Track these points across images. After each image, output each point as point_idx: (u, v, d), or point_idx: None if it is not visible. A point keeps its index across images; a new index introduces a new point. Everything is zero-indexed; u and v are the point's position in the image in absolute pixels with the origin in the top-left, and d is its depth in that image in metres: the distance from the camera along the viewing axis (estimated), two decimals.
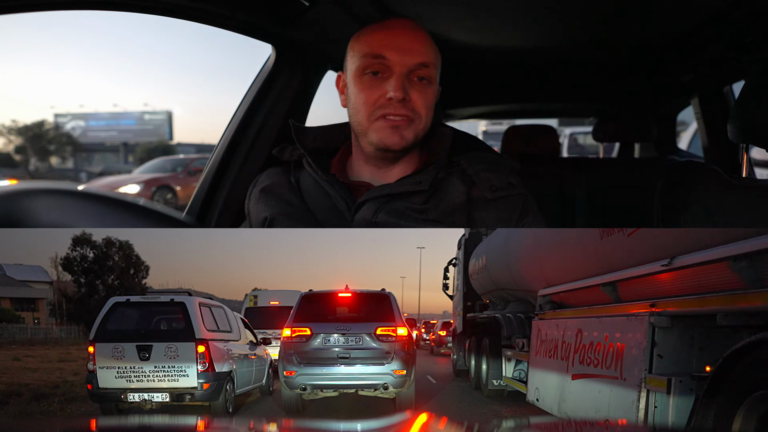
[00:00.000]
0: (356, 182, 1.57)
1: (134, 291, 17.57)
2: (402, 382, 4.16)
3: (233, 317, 5.14)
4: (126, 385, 4.06)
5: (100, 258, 19.17)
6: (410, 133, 1.46)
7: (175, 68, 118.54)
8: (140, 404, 4.07)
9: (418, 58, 1.44)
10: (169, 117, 38.55)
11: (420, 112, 1.45)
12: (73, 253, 19.14)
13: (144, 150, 33.62)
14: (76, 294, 19.27)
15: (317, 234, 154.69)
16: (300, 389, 4.16)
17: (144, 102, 71.15)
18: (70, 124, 37.87)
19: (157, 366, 4.06)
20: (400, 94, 1.41)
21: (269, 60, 2.05)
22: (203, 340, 4.13)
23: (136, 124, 38.47)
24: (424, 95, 1.46)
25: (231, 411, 4.40)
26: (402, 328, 4.26)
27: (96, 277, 19.14)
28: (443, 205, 1.50)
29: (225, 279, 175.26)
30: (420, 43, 1.47)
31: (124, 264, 19.54)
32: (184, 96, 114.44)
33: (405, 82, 1.43)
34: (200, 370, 4.07)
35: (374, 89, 1.44)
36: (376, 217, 1.48)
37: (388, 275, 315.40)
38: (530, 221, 1.55)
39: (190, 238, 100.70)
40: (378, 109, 1.44)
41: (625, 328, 2.46)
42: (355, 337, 4.19)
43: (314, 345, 4.20)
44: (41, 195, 0.66)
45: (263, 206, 1.59)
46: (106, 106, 43.81)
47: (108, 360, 4.07)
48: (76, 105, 68.40)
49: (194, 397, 4.09)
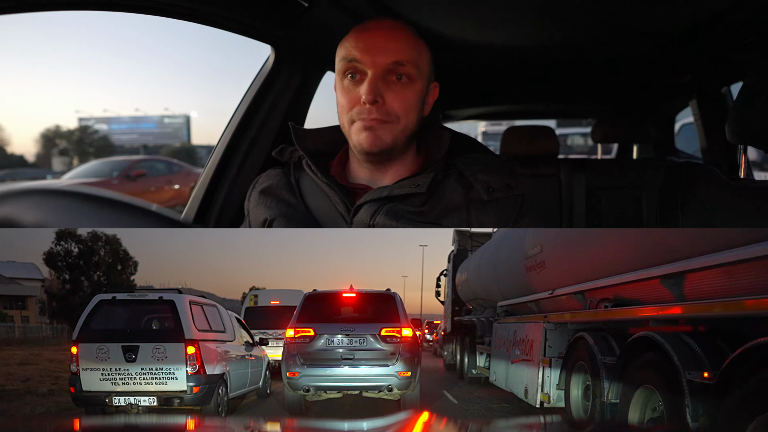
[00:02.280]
0: (355, 184, 1.59)
1: (122, 288, 16.97)
2: (407, 383, 4.18)
3: (227, 316, 4.99)
4: (111, 388, 3.92)
5: (86, 253, 18.43)
6: (387, 135, 1.46)
7: (182, 72, 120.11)
8: (126, 408, 3.93)
9: (391, 57, 1.43)
10: (187, 120, 41.55)
11: (397, 113, 1.45)
12: (56, 247, 18.34)
13: (169, 152, 35.79)
14: (60, 291, 18.58)
15: (318, 233, 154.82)
16: (303, 390, 4.16)
17: (164, 107, 75.56)
18: (94, 127, 40.91)
19: (144, 368, 3.92)
20: (371, 97, 1.41)
21: (268, 61, 2.08)
22: (193, 341, 3.98)
23: (156, 127, 41.35)
24: (402, 95, 1.45)
25: (224, 416, 4.26)
26: (407, 329, 4.27)
27: (81, 273, 18.45)
28: (441, 207, 1.53)
29: (225, 279, 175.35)
30: (395, 42, 1.46)
31: (111, 259, 18.82)
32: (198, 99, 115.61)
33: (378, 84, 1.43)
34: (190, 372, 3.93)
35: (351, 93, 1.46)
36: (374, 220, 1.50)
37: (389, 275, 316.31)
38: (527, 222, 1.57)
39: (190, 237, 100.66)
40: (354, 113, 1.46)
41: (534, 329, 3.90)
42: (359, 337, 4.19)
43: (318, 346, 4.20)
44: (41, 195, 0.67)
45: (263, 208, 1.62)
46: (128, 111, 47.56)
47: (92, 361, 3.93)
48: (100, 109, 71.78)
49: (183, 401, 3.95)
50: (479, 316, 6.36)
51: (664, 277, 2.36)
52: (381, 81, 1.43)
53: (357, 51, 1.45)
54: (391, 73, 1.44)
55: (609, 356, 2.83)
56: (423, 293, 35.80)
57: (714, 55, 2.54)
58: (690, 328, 2.22)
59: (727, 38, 2.23)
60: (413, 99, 1.47)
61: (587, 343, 3.03)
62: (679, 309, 2.22)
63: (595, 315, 3.05)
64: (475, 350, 6.30)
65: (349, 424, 0.96)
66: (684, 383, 2.01)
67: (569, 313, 3.45)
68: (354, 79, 1.46)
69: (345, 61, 1.47)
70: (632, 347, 2.51)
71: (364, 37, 1.47)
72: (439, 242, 48.18)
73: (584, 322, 3.29)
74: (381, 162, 1.54)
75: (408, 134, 1.50)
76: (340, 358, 4.16)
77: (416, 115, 1.50)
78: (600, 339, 2.98)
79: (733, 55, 2.48)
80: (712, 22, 2.01)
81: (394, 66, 1.44)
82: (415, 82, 1.47)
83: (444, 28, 2.03)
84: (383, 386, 4.14)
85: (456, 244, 8.21)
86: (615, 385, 2.69)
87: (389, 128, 1.46)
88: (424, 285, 34.97)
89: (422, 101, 1.52)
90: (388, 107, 1.44)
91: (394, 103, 1.44)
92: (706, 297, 2.14)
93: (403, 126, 1.47)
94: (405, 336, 4.23)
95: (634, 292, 2.73)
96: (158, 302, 4.16)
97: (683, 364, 2.04)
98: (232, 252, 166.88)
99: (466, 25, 2.03)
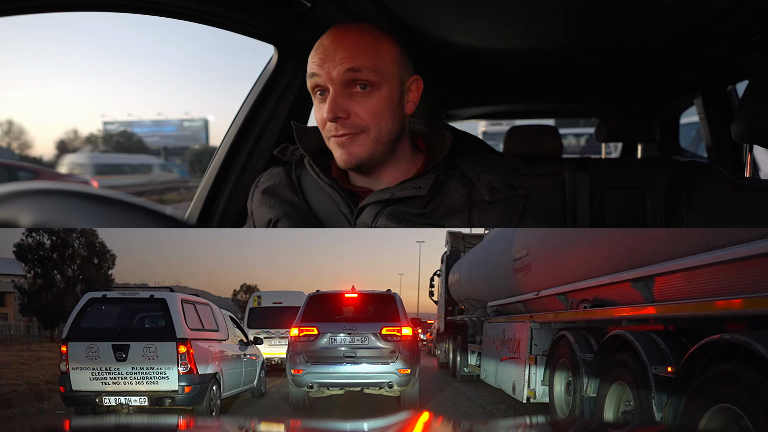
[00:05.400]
0: (357, 187, 1.61)
1: (98, 283, 16.26)
2: (406, 380, 4.39)
3: (221, 315, 5.02)
4: (101, 387, 3.93)
5: (59, 246, 16.79)
6: (360, 148, 1.44)
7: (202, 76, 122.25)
8: (117, 408, 3.95)
9: (344, 65, 1.39)
10: (205, 124, 45.44)
11: (365, 125, 1.42)
12: (27, 240, 16.70)
13: (192, 153, 38.14)
14: (32, 286, 17.05)
15: (318, 233, 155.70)
16: (307, 387, 4.37)
17: (185, 111, 79.69)
18: (118, 130, 44.71)
19: (134, 367, 3.93)
20: (331, 115, 1.40)
21: (271, 61, 2.10)
22: (185, 340, 3.99)
23: (177, 130, 45.03)
24: (368, 104, 1.41)
25: (216, 416, 4.27)
26: (407, 328, 4.50)
27: (54, 267, 16.87)
28: (443, 209, 1.55)
29: (225, 279, 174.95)
30: (347, 50, 1.40)
31: (87, 252, 17.23)
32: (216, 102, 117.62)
33: (340, 100, 1.40)
34: (182, 372, 3.95)
35: (320, 111, 1.46)
36: (376, 222, 1.53)
37: (385, 273, 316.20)
38: (531, 222, 1.59)
39: (190, 237, 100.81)
40: (326, 131, 1.47)
41: (521, 328, 4.18)
42: (361, 336, 4.41)
43: (321, 344, 4.41)
44: (42, 195, 0.67)
45: (266, 208, 1.65)
46: (150, 114, 51.56)
47: (82, 360, 3.93)
48: (124, 113, 74.47)
49: (175, 401, 3.97)
50: (471, 316, 6.62)
51: (634, 280, 2.58)
52: (342, 96, 1.40)
53: (315, 65, 1.43)
54: (352, 84, 1.41)
55: (588, 353, 3.09)
56: (420, 292, 35.87)
57: (719, 53, 2.56)
58: (661, 327, 2.45)
59: (733, 36, 2.25)
60: (381, 105, 1.43)
61: (569, 341, 3.28)
62: (649, 309, 2.45)
63: (575, 315, 3.29)
64: (467, 349, 6.64)
65: (350, 425, 0.98)
66: (650, 377, 2.25)
67: (553, 313, 3.70)
68: (323, 96, 1.44)
69: (309, 77, 1.45)
70: (607, 345, 2.78)
71: (320, 49, 1.44)
72: (437, 239, 48.23)
73: (566, 321, 3.54)
74: (369, 171, 1.54)
75: (386, 140, 1.47)
76: (343, 356, 4.37)
77: (391, 118, 1.45)
78: (580, 337, 3.24)
79: (738, 53, 2.50)
80: (718, 20, 2.03)
81: (350, 74, 1.39)
82: (380, 87, 1.43)
83: (445, 28, 2.04)
84: (384, 383, 4.35)
85: (449, 245, 8.42)
86: (593, 380, 2.93)
87: (360, 140, 1.44)
88: (421, 283, 34.97)
89: (396, 104, 1.46)
90: (354, 120, 1.42)
91: (361, 115, 1.42)
92: (673, 298, 2.35)
93: (375, 135, 1.44)
94: (405, 335, 4.45)
95: (611, 294, 2.98)
96: (150, 300, 4.17)
97: (650, 360, 2.27)
98: (231, 252, 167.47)
99: (468, 25, 2.04)
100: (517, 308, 4.60)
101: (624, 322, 2.73)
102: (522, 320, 4.20)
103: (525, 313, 4.34)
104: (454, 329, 7.68)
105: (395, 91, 1.46)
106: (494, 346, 4.98)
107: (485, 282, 5.62)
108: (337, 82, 1.40)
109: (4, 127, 48.79)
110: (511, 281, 4.58)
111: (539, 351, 3.87)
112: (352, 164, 1.46)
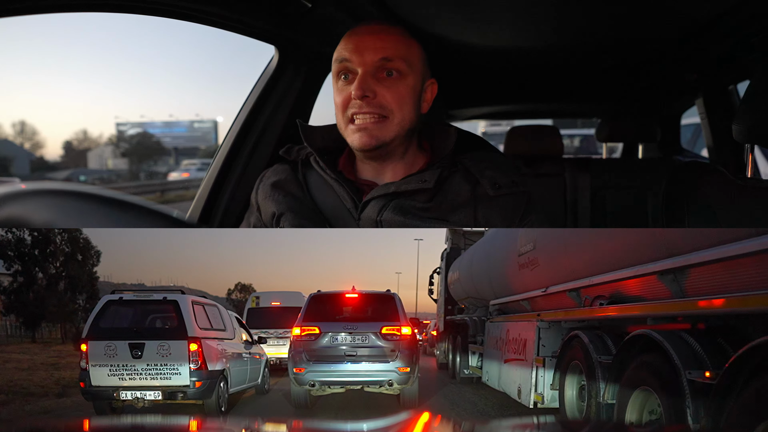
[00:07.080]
0: (363, 180, 1.61)
1: (82, 281, 15.42)
2: (406, 378, 4.39)
3: (227, 316, 5.21)
4: (119, 383, 4.13)
5: (40, 242, 15.50)
6: (382, 132, 1.49)
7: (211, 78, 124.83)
8: (133, 402, 4.15)
9: (379, 54, 1.47)
10: (215, 125, 46.09)
11: (391, 107, 1.48)
12: (7, 235, 15.36)
13: (206, 153, 39.25)
14: (11, 284, 15.67)
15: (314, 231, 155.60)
16: (309, 385, 4.39)
17: (195, 112, 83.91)
18: (130, 131, 44.88)
19: (149, 364, 4.12)
20: (359, 92, 1.46)
21: (272, 61, 2.09)
22: (196, 338, 4.19)
23: (187, 131, 45.93)
24: (395, 89, 1.48)
25: (224, 410, 4.47)
26: (406, 328, 4.50)
27: (35, 264, 15.60)
28: (447, 203, 1.55)
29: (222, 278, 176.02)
30: (383, 41, 1.50)
31: (70, 249, 15.95)
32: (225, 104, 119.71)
33: (369, 81, 1.46)
34: (193, 368, 4.14)
35: (344, 92, 1.50)
36: (381, 215, 1.53)
37: (383, 272, 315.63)
38: (534, 220, 1.58)
39: (185, 236, 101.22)
40: (348, 110, 1.49)
41: (527, 328, 3.88)
42: (362, 335, 4.41)
43: (322, 343, 4.42)
44: (43, 195, 0.67)
45: (271, 202, 1.65)
46: (162, 116, 53.20)
47: (101, 358, 4.14)
48: (136, 115, 76.42)
49: (186, 396, 4.16)
50: (471, 315, 6.41)
51: (661, 272, 2.29)
52: (371, 78, 1.47)
53: (347, 51, 1.50)
54: (381, 69, 1.48)
55: (605, 355, 2.78)
56: (418, 291, 35.61)
57: (720, 53, 2.52)
58: (689, 326, 2.15)
59: (734, 36, 2.21)
60: (406, 93, 1.50)
61: (582, 341, 2.97)
62: (678, 306, 2.16)
63: (590, 312, 2.94)
64: (467, 350, 6.42)
65: (350, 425, 0.97)
66: (684, 383, 1.96)
67: (563, 311, 3.38)
68: (347, 80, 1.50)
69: (337, 62, 1.52)
70: (629, 346, 2.46)
71: (353, 38, 1.51)
72: (435, 237, 48.10)
73: (579, 320, 3.21)
74: (380, 158, 1.56)
75: (405, 129, 1.52)
76: (344, 355, 4.38)
77: (411, 109, 1.52)
78: (595, 337, 2.92)
79: (739, 53, 2.46)
80: (719, 20, 2.00)
81: (383, 62, 1.47)
82: (407, 77, 1.50)
83: (446, 28, 2.02)
84: (384, 381, 4.36)
85: (449, 242, 8.18)
86: (611, 385, 2.61)
87: (386, 124, 1.48)
88: (419, 282, 34.71)
89: (417, 97, 1.53)
90: (380, 101, 1.47)
91: (386, 97, 1.47)
92: (705, 293, 2.07)
93: (399, 119, 1.50)
94: (404, 334, 4.47)
95: (631, 289, 2.66)
96: (162, 302, 4.38)
97: (683, 364, 1.99)
98: (226, 251, 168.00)
99: (468, 25, 2.02)
100: (522, 306, 4.30)
101: (649, 320, 2.38)
102: (528, 319, 3.91)
103: (531, 312, 4.05)
104: (453, 329, 7.41)
105: (418, 86, 1.53)
106: (497, 347, 4.73)
107: (487, 279, 5.31)
108: (369, 66, 1.47)
109: (17, 127, 50.02)
110: (515, 278, 4.29)
111: (548, 352, 3.55)
112: (371, 145, 1.48)
